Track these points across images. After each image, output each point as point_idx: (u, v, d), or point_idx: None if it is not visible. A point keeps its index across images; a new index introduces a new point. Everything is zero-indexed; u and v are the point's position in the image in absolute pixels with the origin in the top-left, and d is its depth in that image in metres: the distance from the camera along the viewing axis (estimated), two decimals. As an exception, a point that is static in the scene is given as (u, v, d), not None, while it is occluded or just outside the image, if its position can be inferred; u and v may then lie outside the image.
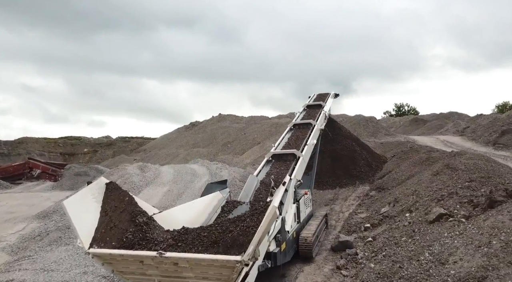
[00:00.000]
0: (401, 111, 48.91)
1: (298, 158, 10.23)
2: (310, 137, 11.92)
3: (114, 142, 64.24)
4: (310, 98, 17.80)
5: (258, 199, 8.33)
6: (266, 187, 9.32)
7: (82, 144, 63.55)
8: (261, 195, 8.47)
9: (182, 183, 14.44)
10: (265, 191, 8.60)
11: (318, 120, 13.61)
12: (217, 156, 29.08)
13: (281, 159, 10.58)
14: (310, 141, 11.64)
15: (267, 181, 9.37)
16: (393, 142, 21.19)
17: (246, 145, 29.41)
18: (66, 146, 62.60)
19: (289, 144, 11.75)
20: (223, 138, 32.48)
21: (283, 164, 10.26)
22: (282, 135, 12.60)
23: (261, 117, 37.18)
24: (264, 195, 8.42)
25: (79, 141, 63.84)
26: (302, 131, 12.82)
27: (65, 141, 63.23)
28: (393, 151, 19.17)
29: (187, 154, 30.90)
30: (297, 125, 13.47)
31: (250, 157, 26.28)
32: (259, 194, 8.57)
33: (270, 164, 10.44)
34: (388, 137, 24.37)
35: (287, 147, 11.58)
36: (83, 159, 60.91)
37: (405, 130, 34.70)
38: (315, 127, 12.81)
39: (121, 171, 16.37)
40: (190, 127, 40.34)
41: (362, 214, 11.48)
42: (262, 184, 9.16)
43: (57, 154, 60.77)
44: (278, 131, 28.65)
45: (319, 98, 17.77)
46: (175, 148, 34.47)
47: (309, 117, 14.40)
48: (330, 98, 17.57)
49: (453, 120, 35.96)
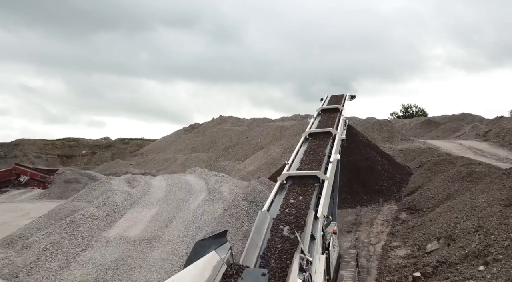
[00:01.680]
0: (408, 113, 46.18)
1: (322, 182, 7.54)
2: (332, 151, 9.25)
3: (113, 144, 61.65)
4: (323, 101, 15.11)
5: (272, 249, 5.68)
6: (282, 223, 6.75)
7: (81, 146, 61.00)
8: (277, 244, 5.81)
9: (174, 203, 11.77)
10: (280, 237, 5.95)
11: (338, 129, 10.96)
12: (217, 161, 26.42)
13: (299, 182, 7.89)
14: (333, 157, 8.98)
15: (283, 216, 6.78)
16: (414, 149, 18.50)
17: (248, 150, 26.73)
18: (64, 147, 60.02)
19: (307, 161, 9.06)
20: (224, 142, 29.83)
21: (302, 190, 7.58)
22: (297, 149, 9.88)
23: (264, 120, 34.52)
24: (280, 243, 5.78)
25: (77, 143, 61.26)
26: (320, 142, 10.17)
27: (63, 143, 60.62)
28: (417, 161, 16.49)
29: (186, 159, 28.26)
30: (314, 135, 10.78)
31: (253, 164, 23.63)
32: (273, 241, 5.91)
33: (285, 190, 7.75)
34: (405, 143, 21.68)
35: (304, 164, 8.89)
36: (81, 161, 58.39)
37: (417, 133, 31.99)
38: (336, 137, 10.15)
39: (105, 186, 13.71)
40: (190, 129, 37.70)
41: (400, 250, 8.81)
42: (277, 221, 6.50)
43: (55, 156, 58.20)
44: (283, 136, 26.00)
45: (334, 100, 15.09)
46: (173, 152, 31.83)
47: (326, 125, 11.76)
48: (347, 100, 14.92)
49: (468, 123, 33.26)
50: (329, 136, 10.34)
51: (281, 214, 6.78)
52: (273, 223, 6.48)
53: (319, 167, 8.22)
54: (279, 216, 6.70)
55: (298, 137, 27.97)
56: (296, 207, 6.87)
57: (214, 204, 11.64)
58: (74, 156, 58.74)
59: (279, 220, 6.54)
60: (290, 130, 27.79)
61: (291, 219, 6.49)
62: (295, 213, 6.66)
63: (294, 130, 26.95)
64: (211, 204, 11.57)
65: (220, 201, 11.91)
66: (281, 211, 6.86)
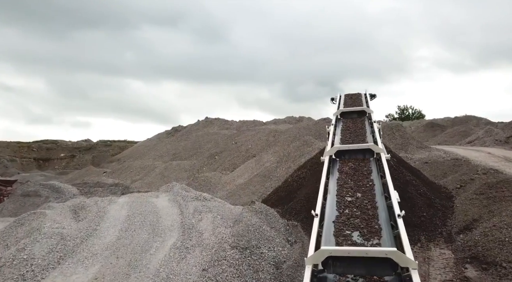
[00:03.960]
0: (405, 115, 42.62)
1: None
2: (388, 183, 5.21)
3: (95, 146, 56.75)
4: (337, 102, 11.08)
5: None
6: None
7: (59, 148, 55.84)
8: None
9: (128, 254, 7.57)
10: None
11: (379, 143, 6.93)
12: (201, 171, 22.20)
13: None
14: (392, 193, 4.96)
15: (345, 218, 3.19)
16: (442, 160, 14.62)
17: (237, 158, 22.54)
18: (41, 150, 54.72)
19: (355, 203, 4.94)
20: (210, 148, 25.62)
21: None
22: (323, 180, 5.70)
23: (255, 122, 30.39)
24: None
25: (55, 145, 55.96)
26: (359, 165, 6.14)
27: (40, 145, 55.23)
28: (452, 178, 12.61)
29: (165, 168, 23.93)
30: (343, 152, 6.67)
31: (244, 175, 19.51)
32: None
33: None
34: (423, 151, 17.86)
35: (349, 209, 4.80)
36: (59, 164, 53.40)
37: (421, 138, 28.32)
38: (383, 158, 6.14)
39: (38, 219, 9.43)
40: (172, 133, 33.29)
41: None
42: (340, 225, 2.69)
43: (31, 159, 53.04)
44: (277, 141, 21.91)
45: (352, 101, 11.08)
46: (153, 159, 27.46)
47: (355, 135, 7.73)
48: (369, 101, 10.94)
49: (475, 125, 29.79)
50: (370, 155, 6.38)
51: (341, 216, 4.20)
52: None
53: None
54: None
55: (294, 144, 23.40)
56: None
57: (188, 256, 7.47)
58: (52, 159, 53.66)
59: (341, 223, 4.16)
60: (285, 135, 23.64)
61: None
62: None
63: (290, 135, 22.86)
64: (183, 257, 7.39)
65: (197, 250, 7.75)
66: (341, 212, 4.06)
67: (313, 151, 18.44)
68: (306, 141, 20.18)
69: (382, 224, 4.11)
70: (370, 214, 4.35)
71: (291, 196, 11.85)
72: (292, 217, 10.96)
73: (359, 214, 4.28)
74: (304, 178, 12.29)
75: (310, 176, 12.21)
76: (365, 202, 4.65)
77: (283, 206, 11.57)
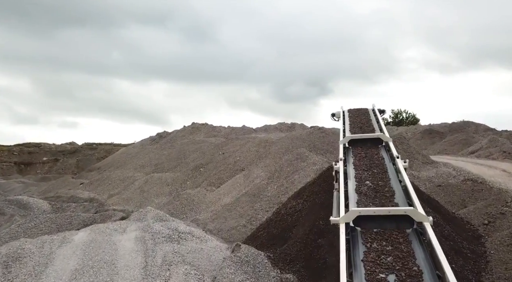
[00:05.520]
0: (398, 119, 40.66)
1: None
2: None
3: (79, 149, 53.72)
4: (342, 120, 8.84)
5: None
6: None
7: (42, 152, 52.72)
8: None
9: None
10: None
11: (415, 202, 4.76)
12: (185, 185, 19.85)
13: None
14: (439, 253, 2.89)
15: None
16: (456, 183, 12.45)
17: (224, 171, 20.22)
18: (22, 154, 51.53)
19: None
20: (195, 158, 23.27)
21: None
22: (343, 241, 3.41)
23: (244, 130, 28.07)
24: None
25: (38, 149, 52.80)
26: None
27: (21, 149, 51.99)
28: (473, 208, 10.43)
29: (146, 181, 21.48)
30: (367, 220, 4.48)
31: (231, 193, 17.17)
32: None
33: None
34: (429, 167, 15.73)
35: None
36: (42, 168, 50.27)
37: (419, 146, 26.30)
38: (427, 227, 3.97)
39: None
40: (157, 139, 30.78)
41: None
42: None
43: (11, 163, 49.85)
44: (268, 153, 19.64)
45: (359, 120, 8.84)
46: (133, 169, 24.97)
47: (377, 183, 5.54)
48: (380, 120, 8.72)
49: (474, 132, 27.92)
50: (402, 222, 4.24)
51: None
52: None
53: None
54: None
55: (287, 156, 20.79)
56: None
57: None
58: (34, 163, 50.49)
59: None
60: (276, 146, 21.36)
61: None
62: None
63: (282, 146, 20.63)
64: None
65: None
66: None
67: (308, 166, 16.17)
68: (300, 154, 17.90)
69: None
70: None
71: (285, 236, 9.51)
72: (287, 265, 8.65)
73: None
74: (301, 211, 9.98)
75: (307, 209, 9.92)
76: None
77: (275, 249, 9.22)
